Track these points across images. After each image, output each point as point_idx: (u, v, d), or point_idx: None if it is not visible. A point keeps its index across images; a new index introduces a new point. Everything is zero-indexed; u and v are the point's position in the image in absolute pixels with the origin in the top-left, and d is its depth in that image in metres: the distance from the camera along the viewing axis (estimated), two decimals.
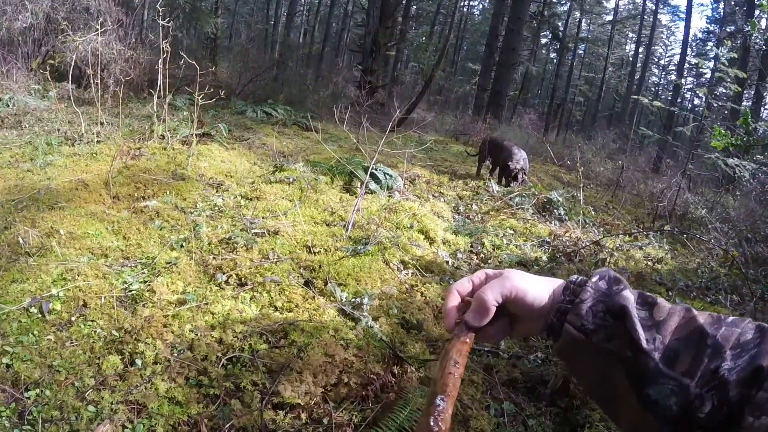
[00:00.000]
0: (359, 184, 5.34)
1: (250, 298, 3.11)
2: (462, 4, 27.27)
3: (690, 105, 23.70)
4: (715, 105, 7.02)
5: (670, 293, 4.33)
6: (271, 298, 3.14)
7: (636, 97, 9.74)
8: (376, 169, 5.79)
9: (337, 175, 5.76)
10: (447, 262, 4.26)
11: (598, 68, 30.92)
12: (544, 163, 12.36)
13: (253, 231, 3.94)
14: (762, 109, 18.61)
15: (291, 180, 5.30)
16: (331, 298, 3.24)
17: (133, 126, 7.10)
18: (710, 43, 24.98)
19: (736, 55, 7.60)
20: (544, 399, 2.81)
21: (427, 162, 8.92)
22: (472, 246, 4.80)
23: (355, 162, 5.96)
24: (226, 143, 6.90)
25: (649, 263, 5.15)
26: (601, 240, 5.27)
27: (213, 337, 2.69)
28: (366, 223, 4.49)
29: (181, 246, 3.67)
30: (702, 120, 6.95)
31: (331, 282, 3.38)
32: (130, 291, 3.01)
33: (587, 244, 5.09)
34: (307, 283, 3.39)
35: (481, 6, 33.72)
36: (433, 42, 23.32)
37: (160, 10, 6.59)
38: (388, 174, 5.91)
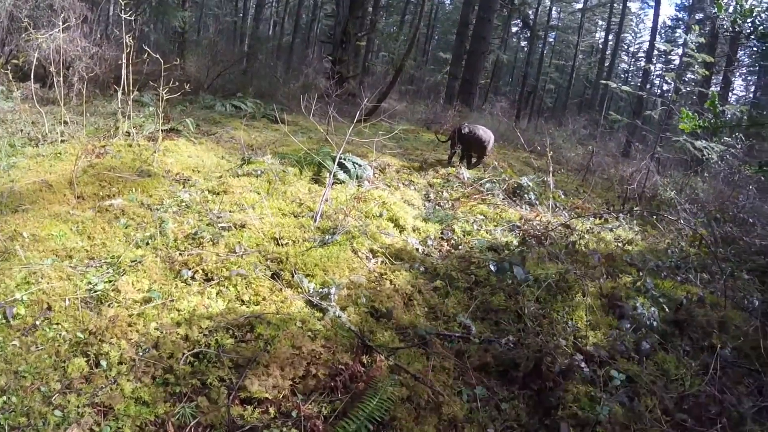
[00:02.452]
0: (328, 174, 5.32)
1: (217, 293, 3.11)
2: None
3: (659, 90, 24.12)
4: (684, 90, 7.11)
5: (641, 273, 4.42)
6: (238, 291, 3.13)
7: (605, 82, 9.82)
8: (344, 159, 5.78)
9: (305, 166, 5.73)
10: (417, 249, 4.29)
11: (568, 56, 31.19)
12: (515, 149, 12.43)
13: (219, 225, 3.91)
14: (730, 93, 19.00)
15: (259, 173, 5.27)
16: (299, 290, 3.25)
17: (99, 124, 6.96)
18: (679, 30, 25.39)
19: (704, 41, 7.73)
20: (516, 382, 2.86)
21: (397, 151, 8.91)
22: (442, 233, 4.83)
23: (324, 152, 5.94)
24: (194, 138, 6.81)
25: (619, 245, 5.25)
26: (571, 223, 5.34)
27: (179, 334, 2.67)
28: (334, 213, 4.49)
29: (147, 243, 3.64)
30: (670, 104, 7.06)
31: (297, 273, 3.37)
32: (95, 291, 2.99)
33: (557, 226, 5.14)
34: (275, 276, 3.39)
35: None
36: (404, 31, 23.25)
37: (124, 4, 6.44)
38: (357, 163, 5.90)
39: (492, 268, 3.82)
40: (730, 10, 4.58)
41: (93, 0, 11.57)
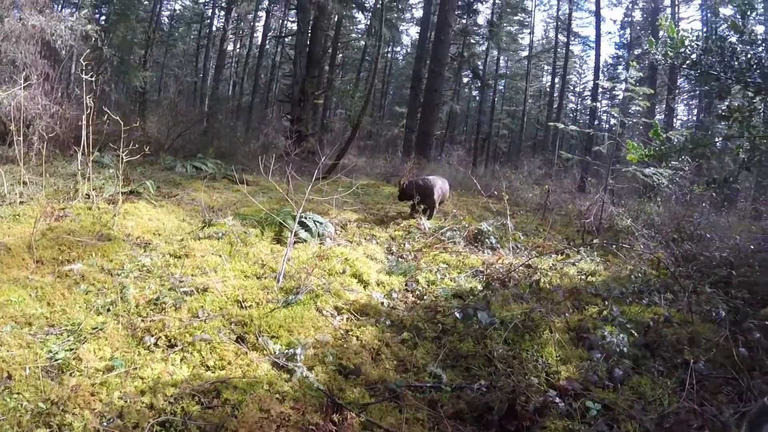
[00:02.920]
0: (289, 234, 5.35)
1: (181, 359, 3.05)
2: (386, 50, 28.16)
3: (606, 125, 25.17)
4: (629, 122, 7.48)
5: (606, 302, 4.53)
6: (203, 357, 3.08)
7: (554, 124, 10.24)
8: (305, 218, 5.82)
9: (266, 227, 5.76)
10: (382, 303, 4.32)
11: (518, 101, 32.49)
12: (473, 196, 12.70)
13: (182, 290, 3.88)
14: (674, 119, 19.97)
15: (220, 235, 5.26)
16: (264, 352, 3.21)
17: (58, 185, 6.87)
18: (620, 67, 26.76)
19: (643, 75, 8.23)
20: (493, 426, 2.85)
21: (358, 206, 9.03)
22: (406, 284, 4.88)
23: (285, 212, 5.97)
24: (154, 200, 6.77)
25: (582, 277, 5.39)
26: (534, 262, 5.47)
27: (143, 402, 2.61)
28: (297, 273, 4.49)
29: (108, 310, 3.57)
30: (617, 137, 7.40)
31: (262, 335, 3.35)
32: (56, 360, 2.90)
33: (520, 267, 5.26)
34: (239, 339, 3.36)
35: (404, 51, 34.99)
36: (360, 88, 23.85)
37: (84, 64, 6.48)
38: (318, 221, 5.95)
39: (457, 315, 3.87)
40: (664, 39, 4.93)
41: (55, 58, 11.57)
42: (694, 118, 27.11)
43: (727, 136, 4.70)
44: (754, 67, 4.13)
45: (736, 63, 4.20)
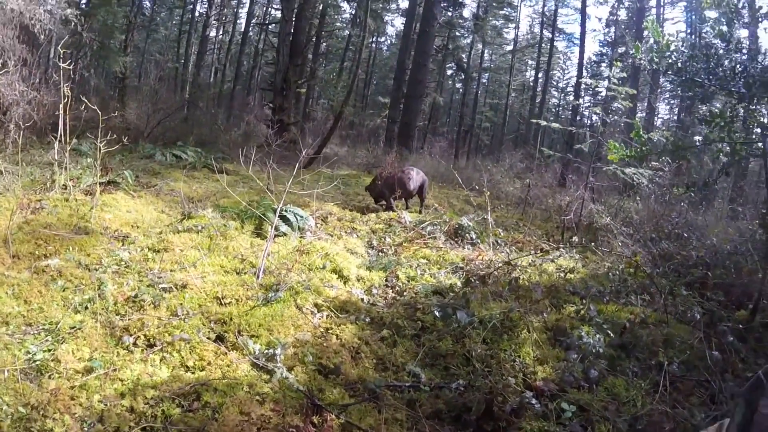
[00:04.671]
0: (269, 227, 5.32)
1: (160, 360, 3.04)
2: (371, 41, 27.99)
3: (589, 122, 25.41)
4: (610, 121, 7.54)
5: (584, 301, 4.60)
6: (182, 357, 3.07)
7: (537, 121, 10.30)
8: (286, 211, 5.80)
9: (246, 219, 5.72)
10: (362, 299, 4.34)
11: (501, 94, 32.67)
12: (454, 188, 12.75)
13: (160, 286, 3.85)
14: (655, 118, 20.25)
15: (200, 228, 5.21)
16: (244, 352, 3.21)
17: (35, 175, 6.72)
18: (603, 65, 26.98)
19: (626, 74, 8.28)
20: (470, 426, 2.89)
21: (339, 197, 9.00)
22: (386, 280, 4.89)
23: (265, 205, 5.94)
24: (133, 191, 6.67)
25: (561, 275, 5.45)
26: (513, 259, 5.52)
27: (123, 406, 2.60)
28: (277, 268, 4.48)
29: (86, 308, 3.52)
30: (599, 136, 7.46)
31: (242, 335, 3.35)
32: (35, 361, 2.86)
33: (500, 264, 5.30)
34: (219, 338, 3.35)
35: (388, 42, 34.86)
36: (343, 78, 23.67)
37: (62, 51, 6.35)
38: (298, 215, 5.93)
39: (437, 313, 3.90)
40: (649, 44, 4.97)
41: (34, 42, 11.31)
42: (676, 116, 27.52)
43: (708, 141, 4.76)
44: (738, 75, 4.19)
45: (720, 71, 4.25)
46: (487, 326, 3.74)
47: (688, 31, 23.42)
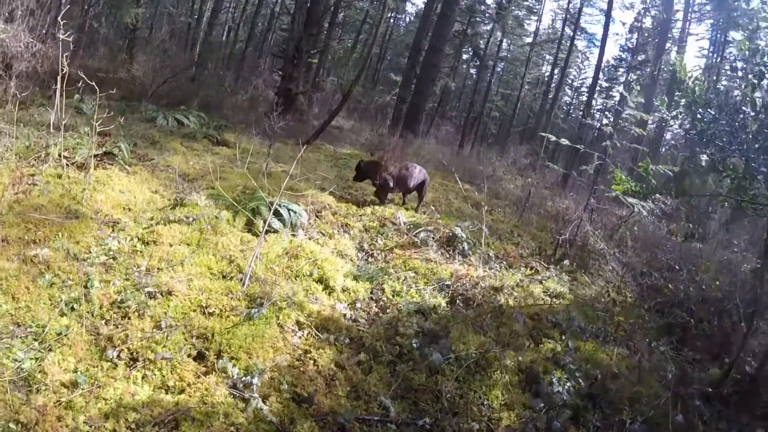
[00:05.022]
0: (261, 224, 5.30)
1: (142, 378, 3.10)
2: (389, 15, 27.49)
3: (598, 124, 25.23)
4: (619, 144, 7.40)
5: (564, 336, 4.64)
6: (163, 376, 3.14)
7: (546, 135, 10.08)
8: (279, 206, 5.75)
9: (240, 211, 5.67)
10: (344, 315, 4.37)
11: (514, 86, 32.29)
12: (456, 181, 12.69)
13: (146, 290, 3.87)
14: (666, 132, 20.05)
15: (191, 219, 5.18)
16: (223, 375, 3.25)
17: (31, 139, 6.65)
18: (621, 69, 26.67)
19: (642, 100, 8.14)
20: None
21: (338, 182, 8.90)
22: (372, 292, 4.92)
23: (258, 198, 5.87)
24: (128, 166, 6.62)
25: (547, 299, 5.50)
26: (501, 278, 5.57)
27: (107, 428, 2.67)
28: (264, 273, 4.50)
29: (72, 309, 3.56)
30: (606, 158, 7.37)
31: (223, 357, 3.39)
32: (22, 371, 2.91)
33: (486, 286, 5.32)
34: (200, 355, 3.41)
35: (407, 19, 34.27)
36: (356, 52, 23.22)
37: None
38: (292, 210, 5.88)
39: (414, 345, 3.93)
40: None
41: None
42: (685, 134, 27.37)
43: (715, 194, 4.69)
44: (760, 140, 4.09)
45: (743, 135, 4.17)
46: (462, 365, 3.77)
47: (711, 48, 23.07)
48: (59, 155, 5.93)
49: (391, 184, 7.65)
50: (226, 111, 14.59)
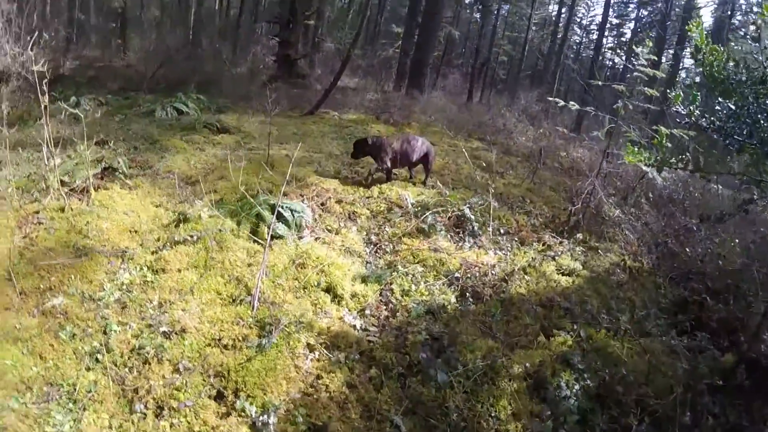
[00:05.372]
0: (266, 229, 5.33)
1: (170, 426, 3.31)
2: None
3: (610, 63, 24.40)
4: (631, 106, 7.09)
5: (575, 325, 4.69)
6: (189, 423, 3.34)
7: (553, 99, 9.62)
8: (282, 207, 5.75)
9: (243, 218, 5.70)
10: (354, 326, 4.44)
11: (521, 28, 31.15)
12: (465, 138, 12.50)
13: (161, 329, 4.02)
14: (680, 66, 19.33)
15: (195, 238, 5.23)
16: (243, 414, 3.44)
17: (31, 167, 6.71)
18: (632, 5, 25.63)
19: (655, 58, 7.79)
20: None
21: (343, 158, 8.84)
22: (381, 294, 4.98)
23: (261, 201, 5.87)
24: (129, 179, 6.67)
25: (560, 278, 5.51)
26: (512, 263, 5.60)
27: None
28: (272, 292, 4.61)
29: (96, 360, 3.74)
30: (618, 121, 7.12)
31: (240, 396, 3.55)
32: None
33: (497, 274, 5.35)
34: (219, 395, 3.58)
35: None
36: (352, 9, 22.39)
37: None
38: (295, 211, 5.86)
39: (422, 356, 4.00)
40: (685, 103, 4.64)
41: None
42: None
43: (736, 174, 4.48)
44: None
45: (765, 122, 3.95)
46: (470, 377, 3.85)
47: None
48: (59, 184, 5.96)
49: (389, 164, 7.55)
50: (226, 86, 14.45)
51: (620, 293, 5.43)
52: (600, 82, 7.90)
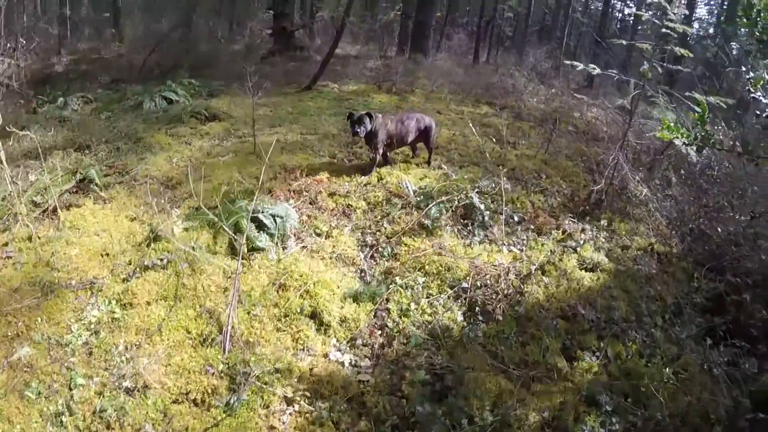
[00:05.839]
0: (244, 242, 4.76)
1: None
2: None
3: (620, 15, 22.89)
4: (658, 68, 6.23)
5: (602, 342, 4.11)
6: None
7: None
8: (263, 214, 5.15)
9: (220, 230, 5.10)
10: (342, 363, 3.88)
11: None
12: (473, 104, 11.71)
13: (124, 385, 3.58)
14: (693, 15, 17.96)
15: (165, 261, 4.69)
16: None
17: (7, 185, 6.21)
18: None
19: (686, 12, 6.83)
20: None
21: (340, 136, 8.14)
22: (375, 314, 4.38)
23: (240, 208, 5.24)
24: (105, 189, 6.15)
25: (583, 276, 4.92)
26: (528, 262, 4.97)
27: None
28: (247, 325, 4.08)
29: (61, 423, 3.38)
30: (644, 86, 6.29)
31: None
32: None
33: (510, 280, 4.70)
34: None
35: None
36: None
37: None
38: (278, 216, 5.24)
39: (419, 409, 3.41)
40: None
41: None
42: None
43: None
44: None
45: None
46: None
47: None
48: (27, 209, 5.48)
49: (381, 151, 6.79)
50: (222, 66, 13.79)
51: (650, 290, 4.79)
52: (624, 41, 6.93)
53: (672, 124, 3.99)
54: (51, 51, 14.94)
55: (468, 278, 4.73)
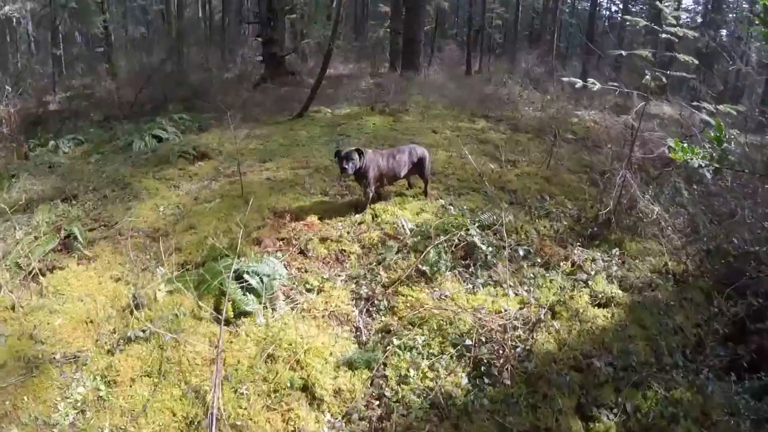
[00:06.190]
0: (228, 305, 4.54)
1: None
2: None
3: (607, 13, 22.75)
4: (668, 76, 5.99)
5: (619, 397, 3.87)
6: None
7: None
8: (249, 273, 4.93)
9: (206, 290, 4.92)
10: None
11: None
12: (468, 119, 11.54)
13: None
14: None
15: (149, 333, 4.48)
16: None
17: None
18: None
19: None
20: None
21: (332, 168, 7.88)
22: (372, 384, 4.11)
23: (225, 267, 4.96)
24: (89, 246, 5.98)
25: (597, 314, 4.72)
26: (537, 307, 4.77)
27: None
28: (233, 406, 3.85)
29: None
30: (648, 98, 6.05)
31: None
32: None
33: (518, 331, 4.46)
34: None
35: None
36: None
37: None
38: (264, 275, 5.00)
39: None
40: None
41: None
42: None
43: None
44: None
45: None
46: None
47: None
48: (10, 275, 5.31)
49: (373, 191, 6.56)
50: (214, 96, 13.65)
51: (668, 322, 4.60)
52: (623, 52, 6.64)
53: (685, 145, 3.79)
54: (44, 90, 14.97)
55: (472, 332, 4.45)
